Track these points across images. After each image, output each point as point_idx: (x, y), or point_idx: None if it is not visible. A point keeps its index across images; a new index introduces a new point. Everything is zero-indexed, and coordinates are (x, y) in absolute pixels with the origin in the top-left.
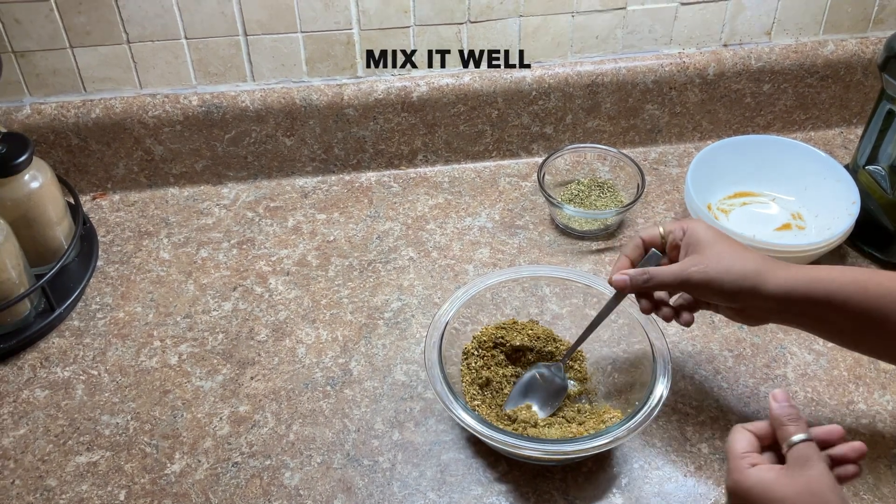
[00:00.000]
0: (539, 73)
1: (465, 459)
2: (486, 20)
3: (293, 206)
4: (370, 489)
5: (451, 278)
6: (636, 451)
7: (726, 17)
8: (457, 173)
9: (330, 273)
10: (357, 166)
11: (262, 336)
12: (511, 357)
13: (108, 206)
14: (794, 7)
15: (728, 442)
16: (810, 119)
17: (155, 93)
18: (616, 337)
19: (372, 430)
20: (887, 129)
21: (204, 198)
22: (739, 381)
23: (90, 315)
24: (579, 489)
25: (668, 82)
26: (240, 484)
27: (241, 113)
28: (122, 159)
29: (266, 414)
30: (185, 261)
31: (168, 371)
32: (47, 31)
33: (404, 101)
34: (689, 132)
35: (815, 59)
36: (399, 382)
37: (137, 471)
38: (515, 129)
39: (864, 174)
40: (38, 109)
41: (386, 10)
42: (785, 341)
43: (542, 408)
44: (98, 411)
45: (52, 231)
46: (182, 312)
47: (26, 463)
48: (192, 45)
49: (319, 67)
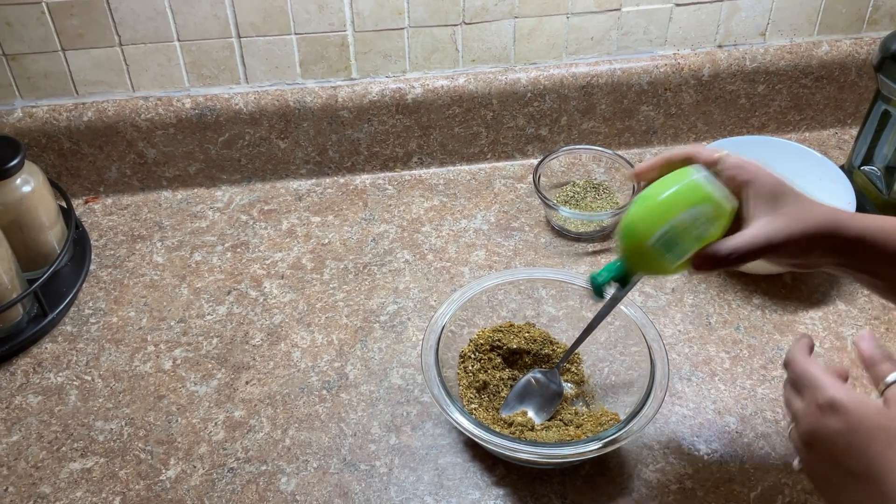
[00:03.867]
0: (534, 74)
1: (462, 463)
2: (481, 22)
3: (287, 208)
4: (367, 494)
5: (446, 281)
6: (634, 454)
7: (721, 18)
8: (452, 175)
9: (325, 276)
10: (351, 169)
11: (256, 340)
12: (508, 360)
13: (101, 209)
14: (788, 8)
15: (799, 363)
16: (805, 120)
17: (148, 95)
18: (613, 339)
19: (368, 435)
20: (883, 130)
21: (197, 201)
22: (736, 383)
23: (83, 320)
24: (577, 492)
25: (663, 83)
26: (235, 490)
27: (234, 115)
28: (115, 162)
29: (261, 419)
30: (178, 264)
31: (162, 376)
32: (39, 33)
33: (399, 103)
34: (684, 133)
35: (809, 60)
36: (395, 386)
37: (132, 477)
38: (510, 131)
39: (860, 175)
40: (29, 113)
41: (380, 11)
42: (782, 342)
43: (538, 413)
44: (92, 417)
45: (44, 235)
46: (176, 317)
47: (20, 470)
48: (185, 47)
49: (313, 69)
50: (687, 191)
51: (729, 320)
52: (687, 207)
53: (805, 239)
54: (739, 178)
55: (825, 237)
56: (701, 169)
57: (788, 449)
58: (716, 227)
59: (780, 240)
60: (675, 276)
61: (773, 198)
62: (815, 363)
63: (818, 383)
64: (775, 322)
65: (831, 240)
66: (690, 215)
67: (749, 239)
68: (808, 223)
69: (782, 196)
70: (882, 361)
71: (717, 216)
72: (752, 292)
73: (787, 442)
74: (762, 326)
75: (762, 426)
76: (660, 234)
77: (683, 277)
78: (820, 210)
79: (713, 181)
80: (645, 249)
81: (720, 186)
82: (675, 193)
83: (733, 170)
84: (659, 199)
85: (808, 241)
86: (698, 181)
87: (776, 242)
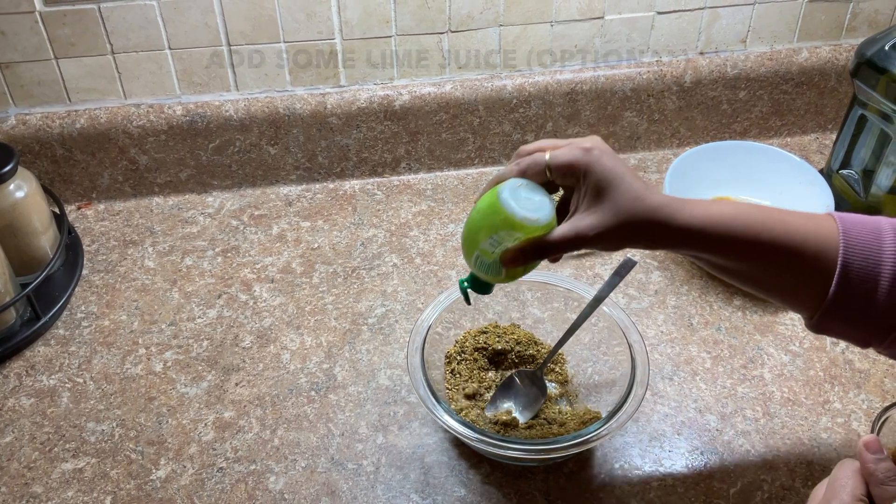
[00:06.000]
0: (519, 81)
1: (448, 462)
2: (467, 30)
3: (277, 214)
4: (354, 492)
5: (434, 284)
6: (616, 452)
7: (702, 26)
8: (439, 180)
9: (314, 280)
10: (341, 174)
11: (246, 343)
12: (493, 360)
13: (93, 215)
14: (768, 15)
15: (840, 478)
16: (786, 125)
17: (139, 103)
18: (596, 340)
19: (356, 435)
20: (860, 134)
21: (188, 206)
22: (717, 382)
23: (75, 323)
24: (560, 490)
25: (646, 90)
26: (225, 489)
27: (225, 122)
28: (107, 169)
29: (251, 419)
30: (169, 269)
31: (153, 378)
32: (32, 42)
33: (387, 109)
34: (667, 139)
35: (789, 66)
36: (383, 387)
37: (123, 477)
38: (497, 137)
39: (838, 178)
40: (22, 120)
41: (368, 20)
42: (762, 342)
43: (522, 412)
44: (83, 418)
45: (37, 240)
46: (167, 320)
47: (12, 470)
48: (176, 55)
49: (302, 77)
50: (487, 214)
51: (710, 321)
52: (489, 234)
53: (620, 232)
54: (569, 176)
55: (646, 231)
56: (512, 185)
57: (767, 446)
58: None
59: (591, 234)
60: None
61: (597, 191)
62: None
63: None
64: (755, 323)
65: (653, 233)
66: (493, 241)
67: (560, 234)
68: (626, 218)
69: (607, 188)
70: (889, 482)
71: (522, 235)
72: (732, 294)
73: (766, 439)
74: (743, 327)
75: (742, 424)
76: (474, 258)
77: (666, 279)
78: (643, 204)
79: (521, 197)
80: (473, 268)
81: (531, 200)
82: (478, 217)
83: (559, 170)
84: (468, 226)
85: (625, 234)
86: (497, 201)
87: (586, 236)
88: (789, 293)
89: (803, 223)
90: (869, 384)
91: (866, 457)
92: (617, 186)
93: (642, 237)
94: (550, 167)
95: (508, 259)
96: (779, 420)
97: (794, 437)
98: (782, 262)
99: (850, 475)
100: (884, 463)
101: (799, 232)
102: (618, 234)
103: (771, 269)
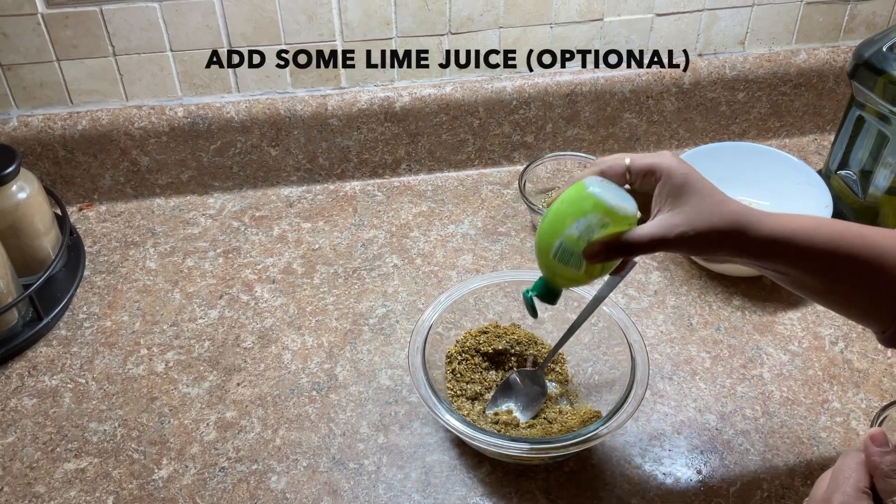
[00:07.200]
0: (519, 82)
1: (449, 461)
2: (467, 32)
3: (278, 215)
4: (356, 492)
5: (434, 284)
6: (616, 451)
7: (700, 28)
8: (440, 182)
9: (315, 280)
10: (341, 175)
11: (248, 343)
12: (493, 360)
13: (95, 216)
14: (766, 17)
15: (844, 469)
16: (785, 126)
17: (141, 104)
18: (596, 339)
19: (357, 434)
20: (857, 135)
21: (190, 208)
22: (717, 381)
23: (77, 324)
24: (561, 488)
25: (645, 91)
26: (227, 488)
27: (226, 124)
28: (109, 170)
29: (252, 419)
30: (171, 270)
31: (155, 378)
32: (34, 44)
33: (387, 111)
34: (666, 140)
35: (788, 68)
36: (384, 387)
37: (125, 477)
38: (497, 138)
39: (837, 179)
40: (25, 122)
41: (368, 22)
42: (761, 342)
43: (523, 412)
44: (86, 419)
45: (39, 241)
46: (168, 321)
47: (15, 470)
48: (178, 57)
49: (303, 78)
50: (574, 202)
51: (710, 321)
52: (577, 218)
53: (705, 236)
54: (649, 178)
55: (730, 236)
56: (596, 180)
57: (767, 445)
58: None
59: (674, 236)
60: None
61: (678, 194)
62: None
63: (843, 488)
64: (755, 323)
65: (738, 239)
66: (580, 225)
67: (642, 233)
68: (712, 221)
69: (687, 192)
70: (894, 474)
71: (611, 222)
72: (732, 294)
73: (765, 439)
74: (742, 327)
75: (741, 423)
76: (556, 248)
77: (666, 280)
78: (728, 209)
79: (608, 189)
80: (550, 263)
81: (616, 193)
82: (563, 206)
83: (640, 172)
84: (549, 217)
85: (710, 239)
86: (585, 190)
87: (669, 238)
88: (864, 306)
89: (881, 237)
90: (868, 383)
91: (872, 449)
92: (699, 190)
93: (727, 243)
94: (631, 169)
95: (593, 253)
96: (778, 419)
97: (794, 437)
98: (860, 274)
99: (855, 467)
100: (889, 456)
101: (877, 245)
102: (702, 238)
103: (848, 281)
